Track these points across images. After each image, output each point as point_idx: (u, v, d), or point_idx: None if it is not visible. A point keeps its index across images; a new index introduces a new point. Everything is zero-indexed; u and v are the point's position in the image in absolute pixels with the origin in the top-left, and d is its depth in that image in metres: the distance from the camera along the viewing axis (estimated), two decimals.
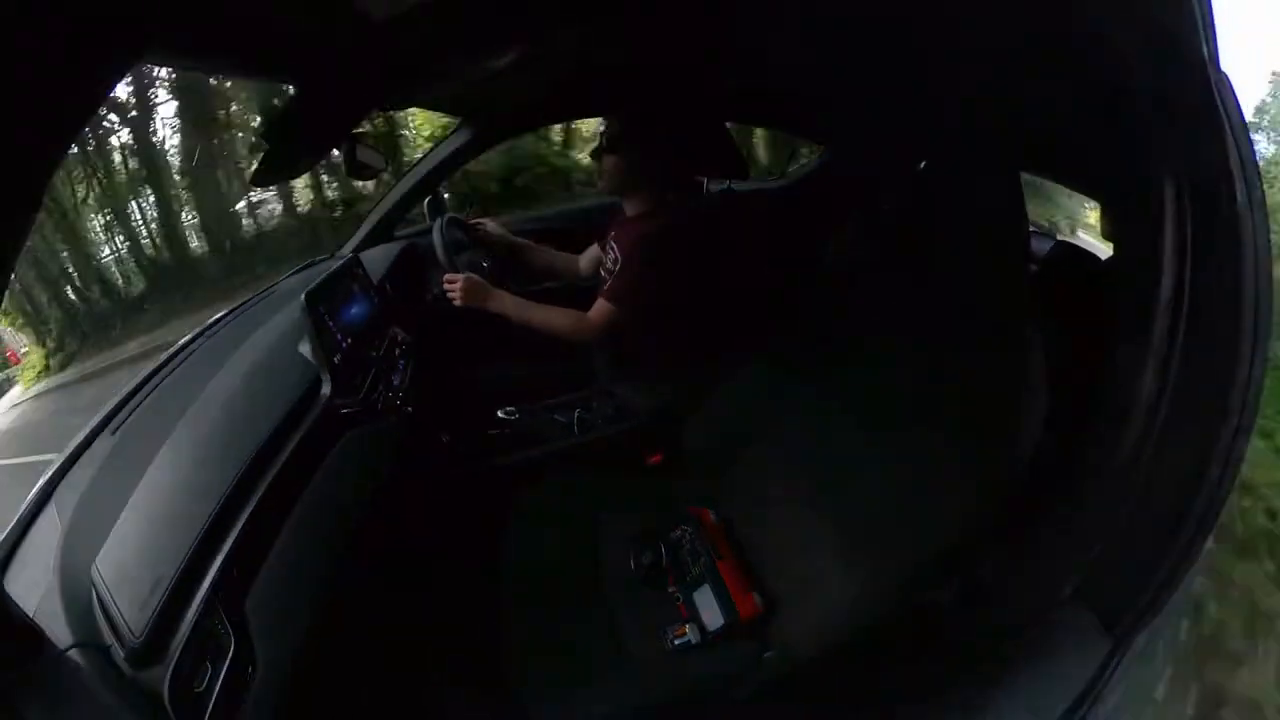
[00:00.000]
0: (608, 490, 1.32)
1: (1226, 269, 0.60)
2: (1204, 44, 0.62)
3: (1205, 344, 0.62)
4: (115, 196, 6.99)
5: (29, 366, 7.57)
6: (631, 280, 1.51)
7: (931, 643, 0.82)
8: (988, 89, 1.15)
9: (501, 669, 0.99)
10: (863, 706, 0.75)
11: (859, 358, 1.12)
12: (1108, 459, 0.66)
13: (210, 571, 0.74)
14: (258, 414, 0.97)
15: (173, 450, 0.93)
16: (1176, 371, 0.62)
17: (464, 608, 1.22)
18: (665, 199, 1.64)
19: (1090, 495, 0.67)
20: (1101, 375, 0.71)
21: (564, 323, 1.54)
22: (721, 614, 1.04)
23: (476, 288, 1.48)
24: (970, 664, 0.68)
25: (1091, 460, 0.69)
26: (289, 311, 1.22)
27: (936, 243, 1.02)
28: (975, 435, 0.86)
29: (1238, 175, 0.60)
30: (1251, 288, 0.59)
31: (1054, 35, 0.71)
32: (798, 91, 1.83)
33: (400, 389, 1.22)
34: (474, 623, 1.13)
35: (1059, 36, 0.71)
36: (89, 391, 6.14)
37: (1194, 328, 0.62)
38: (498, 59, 1.10)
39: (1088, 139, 0.76)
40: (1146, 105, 0.65)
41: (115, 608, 0.68)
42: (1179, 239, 0.62)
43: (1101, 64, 0.66)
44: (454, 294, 1.48)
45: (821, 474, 1.09)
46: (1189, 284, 0.62)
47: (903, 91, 1.36)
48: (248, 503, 0.83)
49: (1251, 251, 0.59)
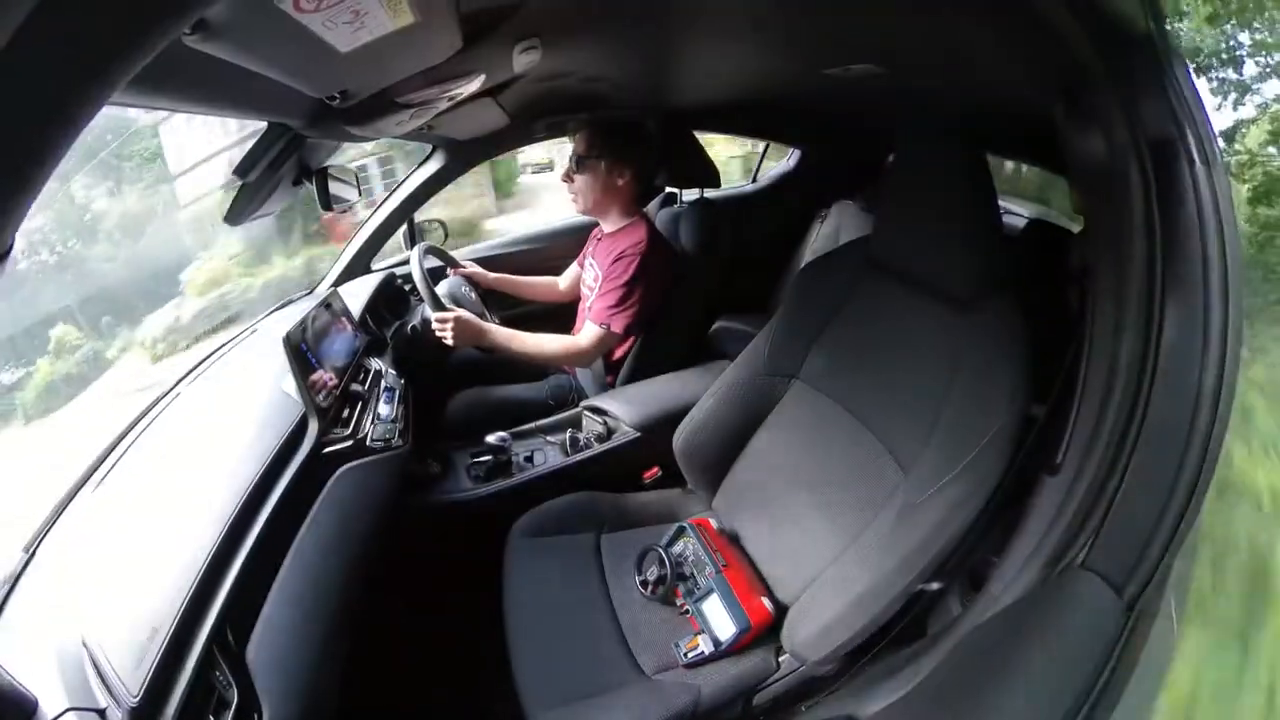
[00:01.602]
0: (606, 509, 1.31)
1: (1193, 226, 0.62)
2: (1149, 20, 0.64)
3: (1181, 300, 0.63)
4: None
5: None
6: (614, 297, 1.52)
7: (943, 629, 0.81)
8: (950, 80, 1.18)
9: (515, 695, 0.97)
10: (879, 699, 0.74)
11: (847, 353, 1.12)
12: (1099, 424, 0.67)
13: (207, 622, 0.72)
14: (246, 457, 0.95)
15: (159, 501, 0.90)
16: (1157, 329, 0.64)
17: (471, 637, 1.19)
18: (641, 212, 1.66)
19: (1086, 462, 0.67)
20: (1084, 343, 0.72)
21: (556, 349, 1.56)
22: (733, 622, 1.03)
23: (467, 327, 1.48)
24: (985, 644, 0.68)
25: (1084, 427, 0.70)
26: (270, 351, 1.20)
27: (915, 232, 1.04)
28: (966, 418, 0.87)
29: (1193, 137, 0.62)
30: (1217, 241, 0.60)
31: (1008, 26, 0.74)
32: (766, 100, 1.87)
33: (388, 421, 1.20)
34: (483, 651, 1.10)
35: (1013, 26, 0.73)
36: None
37: (1169, 286, 0.63)
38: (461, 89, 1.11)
39: (1048, 117, 0.78)
40: (1099, 80, 0.67)
41: (109, 666, 0.65)
42: (1145, 203, 0.64)
43: (1054, 46, 0.68)
44: (444, 334, 1.47)
45: (819, 472, 1.09)
46: (1160, 244, 0.63)
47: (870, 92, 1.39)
48: (241, 548, 0.81)
49: (1213, 208, 0.61)
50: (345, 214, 1.57)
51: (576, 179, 1.60)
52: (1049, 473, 0.74)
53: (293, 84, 0.80)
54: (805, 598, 0.99)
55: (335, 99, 0.91)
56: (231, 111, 0.87)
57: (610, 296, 1.53)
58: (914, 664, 0.76)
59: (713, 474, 1.26)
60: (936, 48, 1.03)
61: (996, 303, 0.92)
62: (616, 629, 1.09)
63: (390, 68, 0.90)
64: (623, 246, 1.55)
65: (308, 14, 0.60)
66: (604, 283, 1.57)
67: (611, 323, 1.54)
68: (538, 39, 1.06)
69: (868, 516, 0.96)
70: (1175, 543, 0.60)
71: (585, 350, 1.56)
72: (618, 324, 1.54)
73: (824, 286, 1.18)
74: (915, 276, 1.03)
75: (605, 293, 1.55)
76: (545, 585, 1.15)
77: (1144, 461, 0.64)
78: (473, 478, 1.42)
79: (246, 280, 3.66)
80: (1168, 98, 0.64)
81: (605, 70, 1.46)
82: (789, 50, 1.25)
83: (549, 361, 1.58)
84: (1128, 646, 0.57)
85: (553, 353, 1.56)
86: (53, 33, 0.33)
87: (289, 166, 1.13)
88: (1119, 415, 0.66)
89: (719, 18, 1.05)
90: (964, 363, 0.91)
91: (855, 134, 2.23)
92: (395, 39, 0.73)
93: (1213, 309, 0.61)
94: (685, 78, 1.62)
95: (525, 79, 1.28)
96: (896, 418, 0.99)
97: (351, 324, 1.42)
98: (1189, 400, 0.62)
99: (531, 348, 1.54)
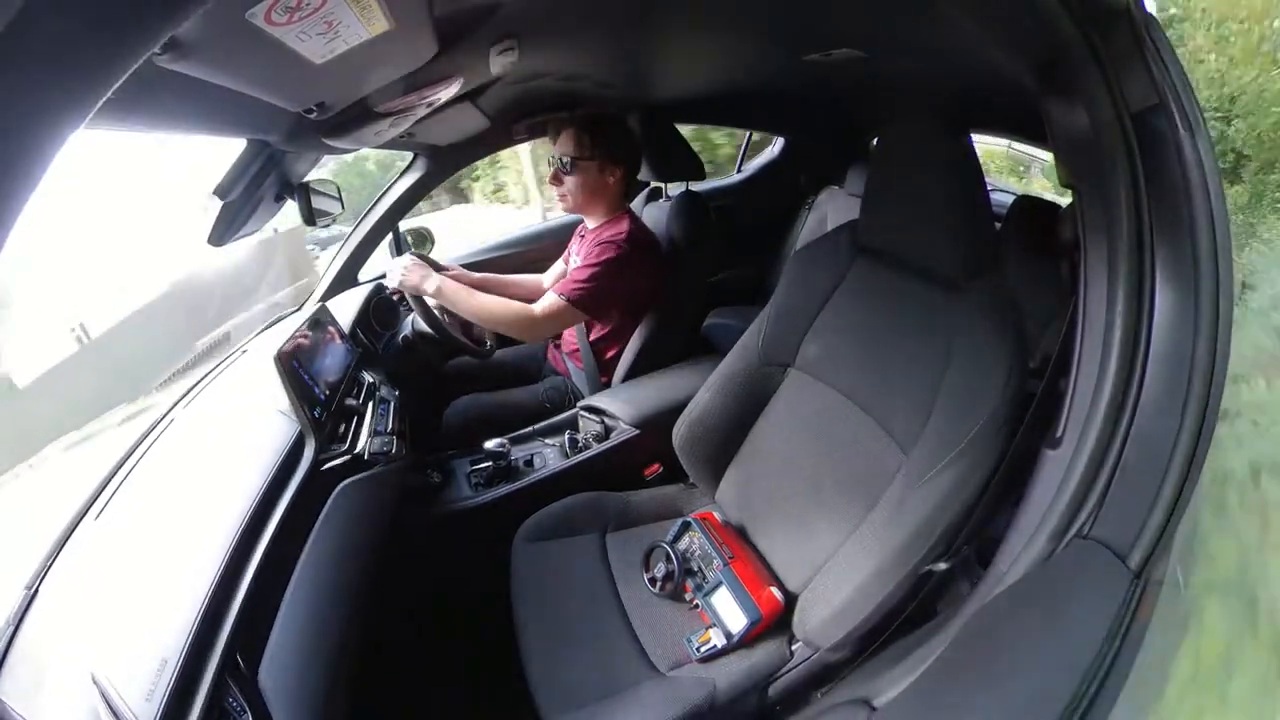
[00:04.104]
0: (609, 509, 1.31)
1: (1179, 193, 0.62)
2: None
3: (1171, 267, 0.63)
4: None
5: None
6: (586, 275, 1.50)
7: (953, 608, 0.81)
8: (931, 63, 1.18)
9: (529, 701, 0.97)
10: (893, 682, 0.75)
11: (841, 339, 1.12)
12: (1097, 395, 0.67)
13: (216, 649, 0.71)
14: (245, 479, 0.94)
15: (160, 530, 0.89)
16: (1149, 297, 0.64)
17: (481, 645, 1.19)
18: (626, 207, 1.65)
19: (1086, 433, 0.68)
20: (1078, 315, 0.73)
21: (505, 314, 1.50)
22: (744, 614, 1.03)
23: (415, 270, 1.49)
24: (995, 620, 0.68)
25: (1081, 399, 0.70)
26: (262, 371, 1.19)
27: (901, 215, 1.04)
28: (963, 397, 0.87)
29: (1174, 104, 0.62)
30: (1204, 206, 0.61)
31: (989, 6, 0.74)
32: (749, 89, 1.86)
33: (384, 434, 1.20)
34: (494, 659, 1.10)
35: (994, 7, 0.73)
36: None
37: (1159, 253, 0.64)
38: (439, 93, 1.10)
39: (1031, 94, 0.78)
40: (1080, 55, 0.67)
41: (121, 701, 0.64)
42: (1130, 173, 0.64)
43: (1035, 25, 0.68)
44: (394, 277, 1.50)
45: (820, 459, 1.09)
46: (1148, 212, 0.64)
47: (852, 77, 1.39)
48: (246, 572, 0.80)
49: (1198, 172, 0.61)
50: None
51: (566, 180, 1.58)
52: (1050, 446, 0.74)
53: (269, 99, 0.79)
54: (814, 585, 1.00)
55: (313, 111, 0.90)
56: (208, 131, 0.86)
57: (579, 272, 1.51)
58: (925, 645, 0.76)
59: (714, 467, 1.26)
60: (916, 30, 1.02)
61: (988, 280, 0.92)
62: (628, 628, 1.09)
63: (367, 76, 0.89)
64: (605, 236, 1.55)
65: (280, 27, 0.59)
66: (580, 264, 1.56)
67: (569, 294, 1.48)
68: (515, 39, 1.05)
69: (871, 500, 0.96)
70: (1179, 508, 0.61)
71: (536, 319, 1.49)
72: (574, 295, 1.48)
73: (814, 274, 1.18)
74: (904, 259, 1.04)
75: (576, 269, 1.54)
76: (553, 589, 1.14)
77: (1143, 429, 0.65)
78: (473, 485, 1.41)
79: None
80: (1147, 67, 0.64)
81: (585, 68, 1.45)
82: (769, 37, 1.25)
83: (495, 325, 1.52)
84: (1137, 614, 0.57)
85: (500, 315, 1.50)
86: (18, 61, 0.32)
87: (270, 183, 1.12)
88: (1116, 385, 0.66)
89: (698, 8, 1.04)
90: (958, 342, 0.91)
91: (839, 120, 2.23)
92: (370, 47, 0.72)
93: (1203, 273, 0.62)
94: (666, 71, 1.61)
95: (504, 80, 1.27)
96: (894, 401, 1.00)
97: (342, 338, 1.41)
98: (1184, 366, 0.62)
99: (479, 305, 1.49)
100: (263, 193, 1.11)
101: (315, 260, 3.57)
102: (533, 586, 1.14)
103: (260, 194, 1.10)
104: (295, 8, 0.58)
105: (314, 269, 3.01)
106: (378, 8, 0.65)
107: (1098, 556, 0.62)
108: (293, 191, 1.25)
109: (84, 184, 1.44)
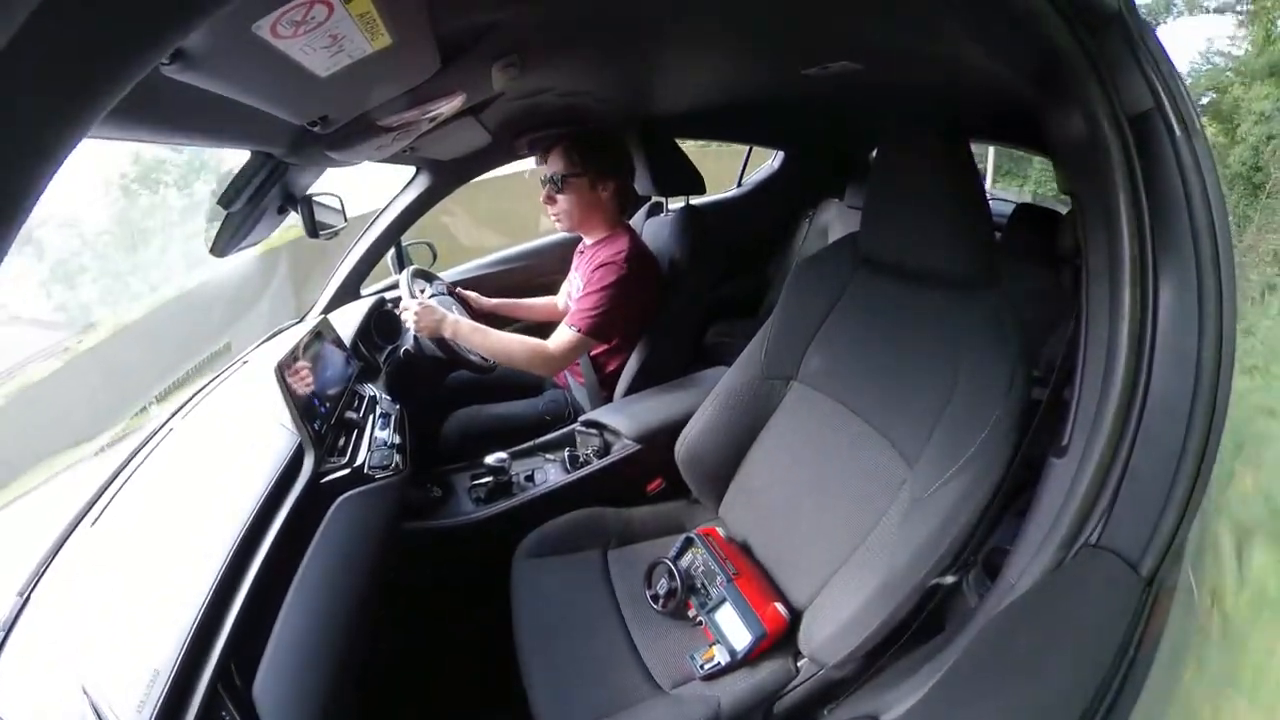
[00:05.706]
0: (611, 525, 1.29)
1: (1178, 195, 0.62)
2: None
3: (1173, 271, 0.63)
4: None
5: None
6: (593, 303, 1.50)
7: (961, 622, 0.80)
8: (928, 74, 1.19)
9: (531, 718, 0.95)
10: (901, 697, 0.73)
11: (844, 351, 1.12)
12: (1103, 402, 0.67)
13: (210, 662, 0.70)
14: (243, 490, 0.93)
15: (156, 539, 0.88)
16: (1153, 301, 0.64)
17: (481, 662, 1.17)
18: (624, 222, 1.66)
19: (1093, 441, 0.67)
20: (1081, 322, 0.72)
21: (522, 352, 1.50)
22: (748, 630, 1.02)
23: (431, 313, 1.47)
24: (1004, 633, 0.67)
25: (1087, 407, 0.69)
26: (262, 382, 1.19)
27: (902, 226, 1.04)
28: (967, 407, 0.86)
29: (1170, 106, 0.63)
30: (1204, 208, 0.61)
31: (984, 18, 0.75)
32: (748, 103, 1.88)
33: (384, 447, 1.19)
34: (494, 676, 1.08)
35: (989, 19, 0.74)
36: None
37: (1160, 257, 0.64)
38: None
39: (1028, 102, 0.78)
40: (1075, 62, 0.68)
41: (111, 713, 0.63)
42: (1129, 177, 0.64)
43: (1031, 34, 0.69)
44: (408, 321, 1.47)
45: (824, 472, 1.08)
46: (1148, 216, 0.64)
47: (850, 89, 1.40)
48: (242, 584, 0.79)
49: (1197, 174, 0.61)
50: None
51: (560, 199, 1.57)
52: (1056, 455, 0.73)
53: (273, 111, 0.80)
54: (819, 600, 0.98)
55: (316, 124, 0.91)
56: (212, 141, 0.87)
57: (586, 301, 1.51)
58: (934, 659, 0.74)
59: (717, 482, 1.25)
60: (913, 42, 1.04)
61: (990, 290, 0.92)
62: (630, 645, 1.07)
63: (370, 91, 0.90)
64: (604, 256, 1.54)
65: (285, 40, 0.60)
66: (584, 290, 1.56)
67: (581, 325, 1.49)
68: (517, 55, 1.06)
69: (876, 514, 0.95)
70: (1189, 513, 0.60)
71: (553, 355, 1.50)
72: (588, 327, 1.49)
73: (816, 286, 1.18)
74: (906, 270, 1.04)
75: (582, 298, 1.54)
76: (554, 605, 1.12)
77: (1150, 435, 0.64)
78: (474, 500, 1.40)
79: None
80: (1142, 70, 0.65)
81: (586, 83, 1.47)
82: (768, 52, 1.26)
83: (512, 364, 1.52)
84: (1149, 623, 0.56)
85: (517, 355, 1.50)
86: (27, 68, 0.32)
87: (273, 195, 1.13)
88: (1122, 391, 0.65)
89: (697, 25, 1.06)
90: (961, 352, 0.90)
91: (838, 132, 2.25)
92: (374, 62, 0.73)
93: (1205, 276, 0.62)
94: (666, 86, 1.63)
95: (506, 96, 1.29)
96: (898, 413, 0.99)
97: (343, 351, 1.41)
98: (1189, 370, 0.62)
99: (495, 345, 1.49)
100: (266, 204, 1.11)
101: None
102: (534, 603, 1.13)
103: (263, 205, 1.10)
104: (301, 21, 0.59)
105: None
106: (381, 23, 0.66)
107: (1108, 565, 0.61)
108: (296, 204, 1.26)
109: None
